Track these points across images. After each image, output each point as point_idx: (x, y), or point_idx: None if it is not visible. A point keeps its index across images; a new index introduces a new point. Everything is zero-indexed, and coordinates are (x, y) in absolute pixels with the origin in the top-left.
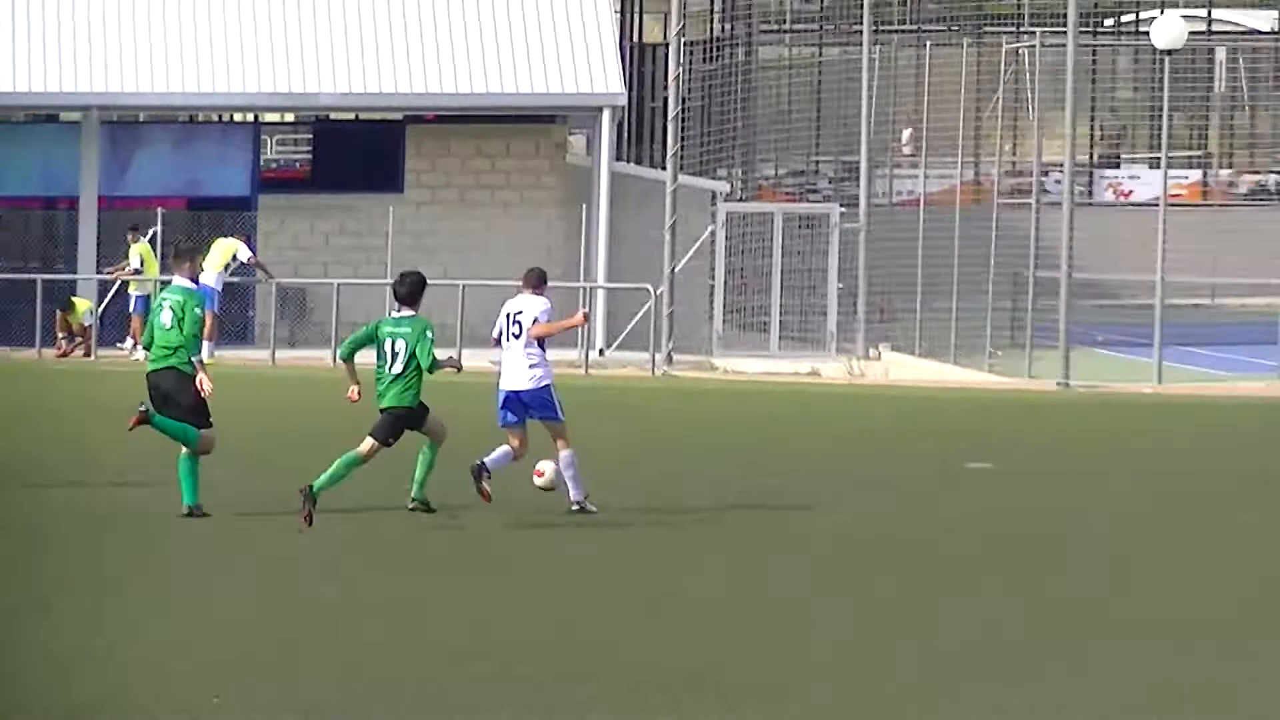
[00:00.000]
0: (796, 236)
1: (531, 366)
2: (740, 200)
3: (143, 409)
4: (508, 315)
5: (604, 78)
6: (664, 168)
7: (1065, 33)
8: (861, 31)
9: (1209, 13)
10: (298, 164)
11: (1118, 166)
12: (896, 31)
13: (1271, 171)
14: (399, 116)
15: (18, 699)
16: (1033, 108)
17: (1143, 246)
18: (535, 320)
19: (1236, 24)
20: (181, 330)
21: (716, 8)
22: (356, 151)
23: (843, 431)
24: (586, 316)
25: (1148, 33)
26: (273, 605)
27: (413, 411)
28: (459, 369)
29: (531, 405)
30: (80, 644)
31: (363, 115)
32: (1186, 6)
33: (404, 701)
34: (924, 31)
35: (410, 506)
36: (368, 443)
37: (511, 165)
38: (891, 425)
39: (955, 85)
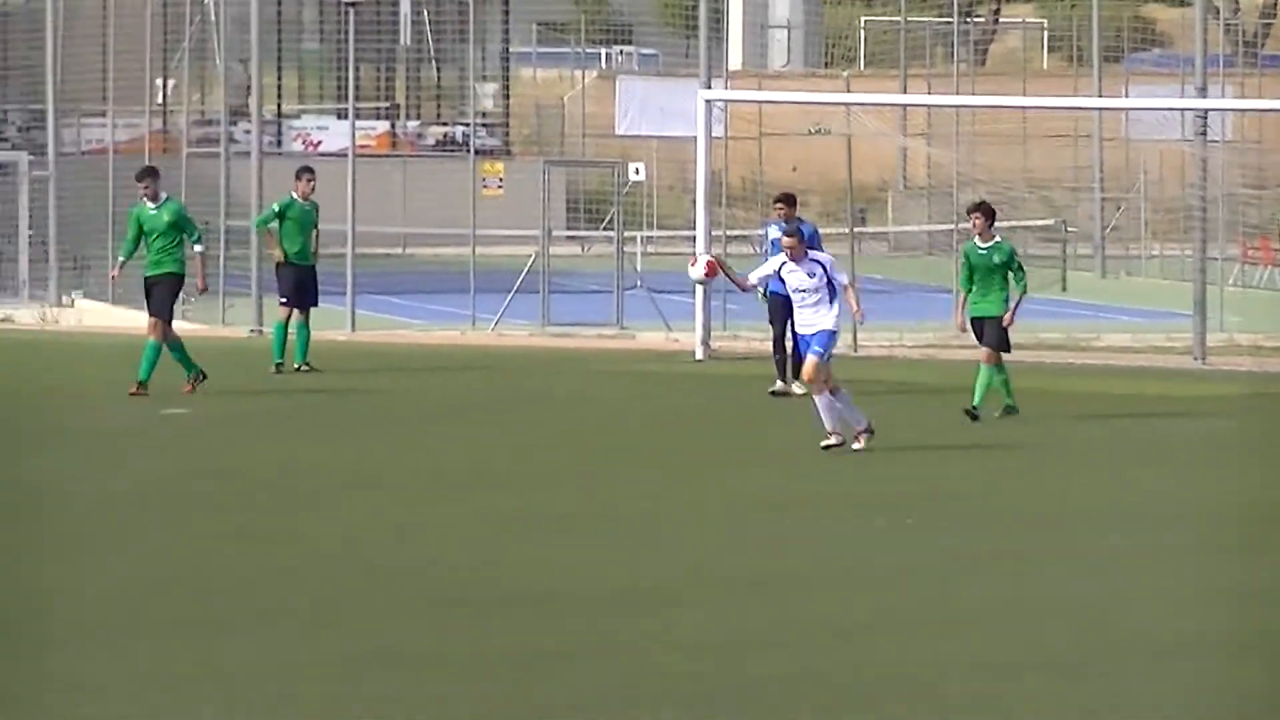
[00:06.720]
0: None
1: None
2: None
3: None
4: None
5: None
6: None
7: None
8: None
9: None
10: None
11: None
12: None
13: (458, 124)
14: None
15: None
16: (220, 58)
17: (334, 196)
18: None
19: None
20: None
21: None
22: None
23: (38, 380)
24: None
25: None
26: None
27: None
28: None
29: None
30: None
31: None
32: None
33: None
34: None
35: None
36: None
37: None
38: (89, 372)
39: (142, 34)
